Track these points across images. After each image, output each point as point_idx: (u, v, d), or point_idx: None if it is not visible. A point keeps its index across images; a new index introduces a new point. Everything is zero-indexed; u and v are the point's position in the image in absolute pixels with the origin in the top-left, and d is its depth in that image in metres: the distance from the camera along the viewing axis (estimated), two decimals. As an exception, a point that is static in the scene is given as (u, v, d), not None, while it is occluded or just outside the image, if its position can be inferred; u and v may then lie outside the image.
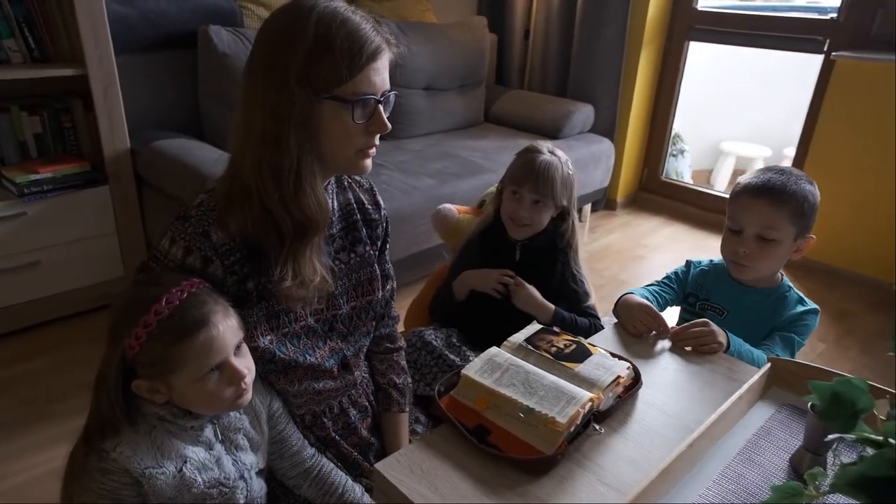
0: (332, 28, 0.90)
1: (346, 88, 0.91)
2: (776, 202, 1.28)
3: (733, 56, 3.86)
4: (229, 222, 0.94)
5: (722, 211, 3.52)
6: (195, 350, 0.85)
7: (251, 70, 0.94)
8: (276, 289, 0.98)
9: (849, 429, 0.61)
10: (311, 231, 0.97)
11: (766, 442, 0.93)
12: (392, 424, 1.24)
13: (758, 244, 1.30)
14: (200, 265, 0.93)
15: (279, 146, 0.91)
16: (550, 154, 1.50)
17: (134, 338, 0.84)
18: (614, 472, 0.87)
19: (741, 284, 1.39)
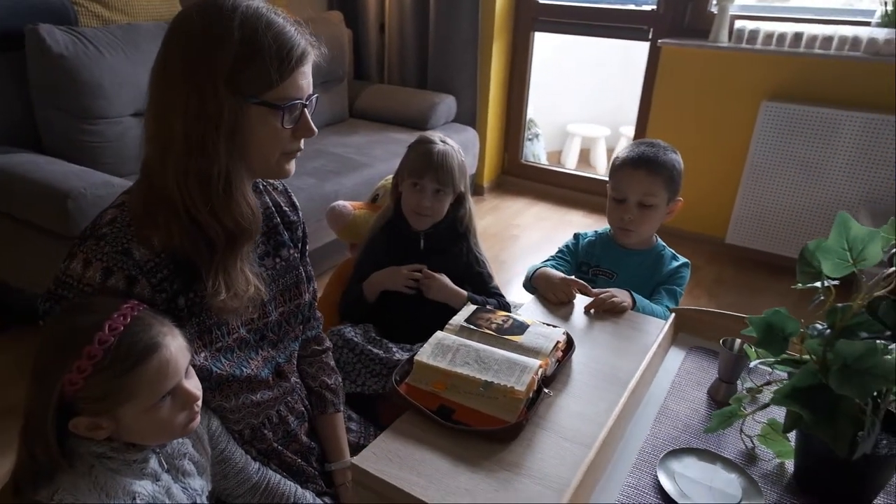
0: (259, 31, 0.87)
1: (275, 93, 0.89)
2: (652, 172, 1.47)
3: (575, 44, 4.19)
4: (151, 237, 0.88)
5: (576, 187, 3.82)
6: (149, 377, 0.79)
7: (166, 74, 0.88)
8: (210, 303, 0.93)
9: (781, 350, 0.74)
10: (242, 239, 0.94)
11: (685, 380, 1.07)
12: (329, 426, 1.24)
13: (639, 210, 1.49)
14: (125, 286, 0.86)
15: (206, 154, 0.87)
16: (443, 143, 1.55)
17: (76, 372, 0.76)
18: (571, 428, 0.95)
19: (625, 249, 1.57)
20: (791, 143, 2.65)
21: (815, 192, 2.67)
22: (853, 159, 2.55)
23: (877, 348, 0.63)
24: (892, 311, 0.66)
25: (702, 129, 2.93)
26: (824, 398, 0.70)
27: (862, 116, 2.49)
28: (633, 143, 1.57)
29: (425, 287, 1.53)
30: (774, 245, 2.81)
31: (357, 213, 1.92)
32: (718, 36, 2.82)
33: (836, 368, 0.65)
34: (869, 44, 2.54)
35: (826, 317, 0.71)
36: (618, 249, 1.59)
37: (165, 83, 0.88)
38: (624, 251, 1.58)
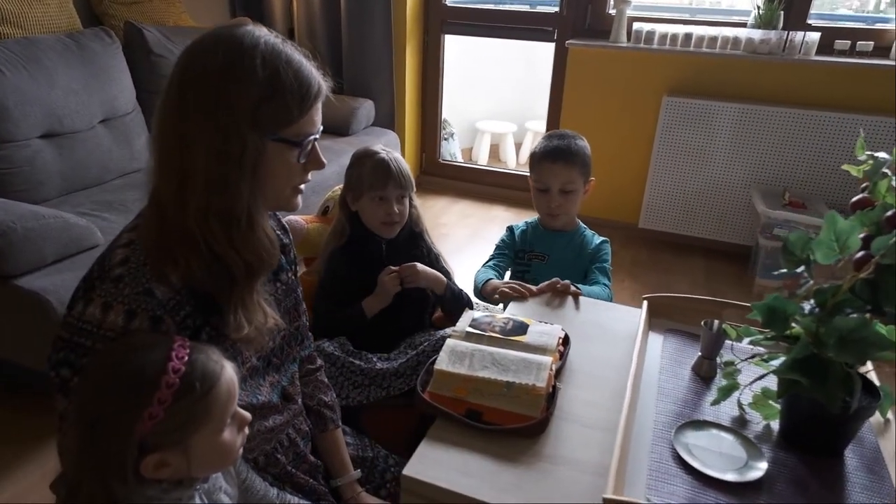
0: (281, 68, 0.87)
1: (294, 129, 0.90)
2: (569, 163, 1.68)
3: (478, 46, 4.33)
4: (169, 275, 0.87)
5: (494, 183, 3.94)
6: (222, 398, 0.82)
7: (183, 108, 0.86)
8: (233, 337, 0.94)
9: (784, 329, 0.87)
10: (262, 270, 0.95)
11: (670, 360, 1.20)
12: (331, 442, 1.26)
13: (562, 196, 1.69)
14: (149, 327, 0.85)
15: (228, 192, 0.86)
16: (385, 151, 1.59)
17: (157, 404, 0.76)
18: (588, 415, 1.04)
19: (553, 232, 1.77)
20: (691, 134, 2.93)
21: (713, 177, 2.97)
22: (744, 146, 2.87)
23: (868, 321, 0.78)
24: (867, 289, 0.80)
25: (611, 123, 3.15)
26: (818, 366, 0.84)
27: (749, 108, 2.80)
28: (546, 137, 1.76)
29: (411, 278, 1.56)
30: (681, 226, 3.10)
31: (310, 227, 1.92)
32: (618, 37, 3.05)
33: (833, 341, 0.79)
34: (747, 43, 2.85)
35: (814, 296, 0.85)
36: (546, 233, 1.78)
37: (181, 117, 0.86)
38: (552, 234, 1.78)
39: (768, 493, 0.89)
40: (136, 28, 2.61)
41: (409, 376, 1.54)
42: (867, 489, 0.90)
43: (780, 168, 2.84)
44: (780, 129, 2.78)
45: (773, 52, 2.80)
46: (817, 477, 0.92)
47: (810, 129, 2.74)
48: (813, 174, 2.81)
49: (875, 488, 0.90)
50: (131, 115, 2.56)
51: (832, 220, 0.80)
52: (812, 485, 0.90)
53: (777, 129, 2.79)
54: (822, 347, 0.83)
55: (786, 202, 2.67)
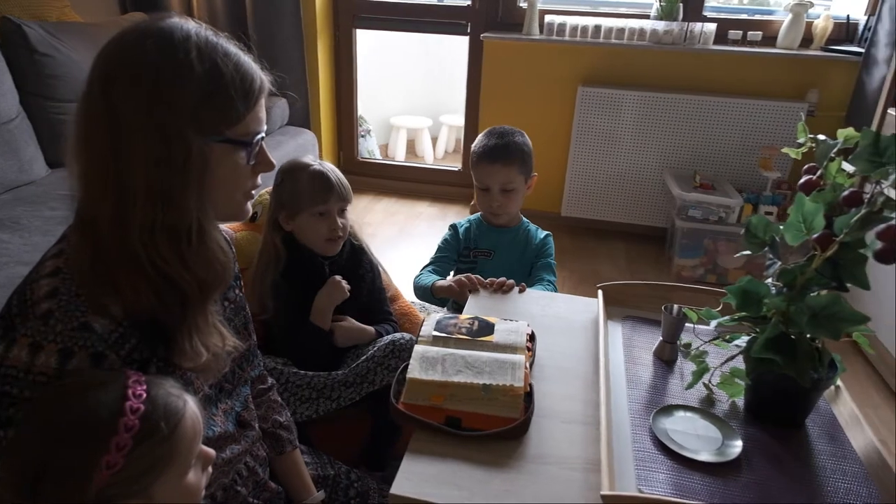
0: (219, 61, 0.79)
1: (240, 128, 0.82)
2: (508, 162, 1.67)
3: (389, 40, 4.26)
4: (108, 305, 0.77)
5: (416, 179, 3.91)
6: (188, 436, 0.74)
7: (113, 116, 0.75)
8: (187, 366, 0.85)
9: (759, 310, 0.89)
10: (216, 286, 0.86)
11: (632, 347, 1.22)
12: (291, 464, 1.19)
13: (503, 195, 1.69)
14: (90, 366, 0.75)
15: (174, 205, 0.78)
16: (316, 162, 1.49)
17: (115, 451, 0.67)
18: (565, 410, 1.04)
19: (497, 228, 1.76)
20: (606, 122, 3.02)
21: (629, 163, 3.08)
22: (656, 132, 2.99)
23: (839, 298, 0.81)
24: (829, 267, 0.84)
25: (529, 114, 3.20)
26: (788, 344, 0.87)
27: (658, 96, 2.93)
28: (485, 135, 1.74)
29: (336, 334, 1.51)
30: (601, 212, 3.20)
31: (238, 236, 1.80)
32: (531, 29, 3.09)
33: (807, 318, 0.82)
34: (652, 34, 2.98)
35: (781, 277, 0.88)
36: (491, 230, 1.78)
37: (111, 124, 0.75)
38: (497, 230, 1.77)
39: (747, 469, 0.92)
40: (15, 24, 2.35)
41: (359, 385, 1.48)
42: (832, 455, 0.95)
43: (690, 152, 2.99)
44: (687, 115, 2.93)
45: (676, 42, 2.94)
46: (787, 449, 0.96)
47: (714, 114, 2.91)
48: (718, 157, 2.98)
49: (838, 453, 0.96)
50: (16, 122, 2.30)
51: (800, 202, 0.84)
52: (784, 457, 0.94)
53: (684, 115, 2.93)
54: (792, 325, 0.87)
55: (697, 184, 2.82)
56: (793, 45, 2.89)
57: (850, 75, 2.80)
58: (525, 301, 1.40)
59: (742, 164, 2.96)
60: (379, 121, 4.46)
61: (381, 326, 1.62)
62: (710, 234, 2.76)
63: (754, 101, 2.86)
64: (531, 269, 1.72)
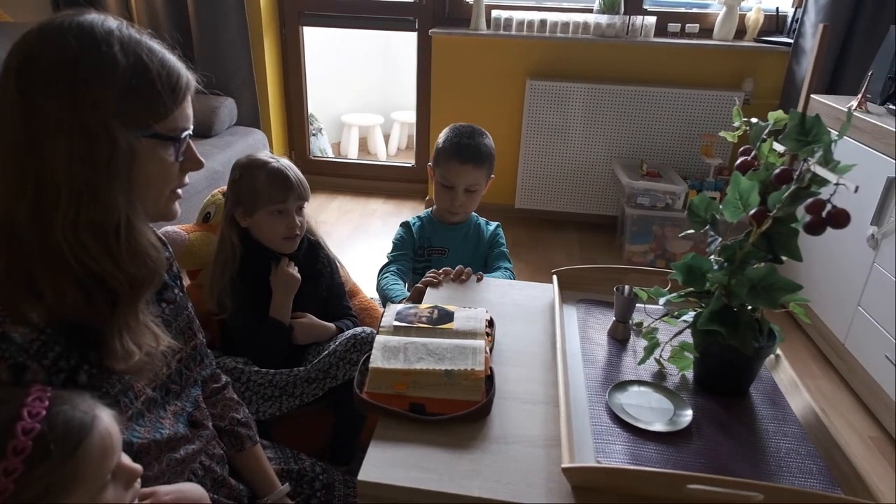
0: (144, 56, 0.79)
1: (166, 124, 0.82)
2: (478, 165, 1.68)
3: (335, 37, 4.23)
4: (27, 312, 0.76)
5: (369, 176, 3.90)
6: (94, 455, 0.70)
7: (29, 111, 0.74)
8: (120, 368, 0.84)
9: (702, 285, 0.94)
10: (148, 283, 0.85)
11: (587, 328, 1.26)
12: (252, 460, 1.18)
13: (466, 195, 1.70)
14: (10, 377, 0.74)
15: (99, 202, 0.77)
16: (274, 158, 1.49)
17: (2, 476, 0.64)
18: (525, 391, 1.07)
19: (449, 225, 1.77)
20: (554, 115, 3.09)
21: (578, 154, 3.16)
22: (603, 123, 3.08)
23: (774, 269, 0.87)
24: (764, 242, 0.90)
25: (481, 108, 3.24)
26: (731, 316, 0.93)
27: (603, 87, 3.01)
28: (454, 132, 1.73)
29: (296, 332, 1.51)
30: (554, 203, 3.27)
31: (192, 237, 1.78)
32: (478, 24, 3.13)
33: (746, 290, 0.87)
34: (596, 27, 3.06)
35: (722, 252, 0.93)
36: (443, 227, 1.78)
37: (26, 121, 0.74)
38: (448, 227, 1.78)
39: (698, 437, 0.97)
40: (-58, 26, 2.25)
41: (321, 380, 1.48)
42: (774, 419, 1.01)
43: (636, 141, 3.09)
44: (632, 106, 3.02)
45: (619, 35, 3.03)
46: (733, 416, 1.02)
47: (657, 104, 3.00)
48: (662, 145, 3.08)
49: (780, 417, 1.02)
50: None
51: (736, 181, 0.89)
52: (730, 423, 1.00)
53: (629, 106, 3.02)
54: (734, 298, 0.92)
55: (644, 173, 2.91)
56: (728, 36, 3.01)
57: (782, 64, 2.94)
58: (483, 289, 1.43)
59: (685, 151, 3.07)
60: (330, 119, 4.43)
61: (341, 322, 1.63)
62: (659, 220, 2.85)
63: (694, 90, 2.97)
64: (485, 261, 1.74)
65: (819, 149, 0.84)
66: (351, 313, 1.71)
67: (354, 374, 1.45)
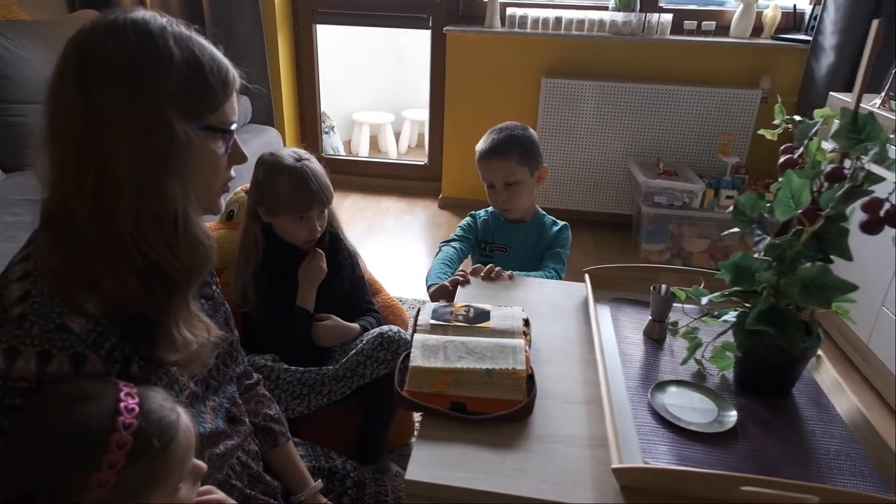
0: (196, 50, 0.80)
1: (218, 117, 0.83)
2: (504, 156, 1.67)
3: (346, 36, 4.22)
4: (83, 303, 0.76)
5: (382, 174, 3.90)
6: (181, 451, 0.73)
7: (91, 105, 0.74)
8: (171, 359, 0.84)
9: (752, 285, 0.93)
10: (201, 270, 0.85)
11: (623, 327, 1.25)
12: (285, 457, 1.19)
13: (507, 190, 1.68)
14: (71, 368, 0.74)
15: (159, 193, 0.77)
16: (300, 160, 1.46)
17: (106, 469, 0.66)
18: (565, 390, 1.06)
19: (513, 223, 1.76)
20: (570, 113, 3.07)
21: (593, 152, 3.14)
22: (619, 121, 3.06)
23: (828, 269, 0.86)
24: (813, 241, 0.89)
25: (495, 106, 3.22)
26: (779, 316, 0.91)
27: (619, 85, 3.00)
28: (488, 133, 1.74)
29: (314, 338, 1.50)
30: (568, 202, 3.26)
31: (216, 234, 1.77)
32: (493, 22, 3.12)
33: (797, 290, 0.86)
34: (611, 25, 3.04)
35: (769, 251, 0.92)
36: (507, 225, 1.78)
37: (87, 115, 0.74)
38: (512, 225, 1.77)
39: (743, 437, 0.96)
40: (-39, 23, 2.24)
41: (349, 379, 1.48)
42: (820, 420, 1.00)
43: (652, 140, 3.07)
44: (648, 104, 3.01)
45: (635, 33, 3.02)
46: (777, 416, 1.01)
47: (673, 102, 2.99)
48: (678, 144, 3.07)
49: (825, 418, 1.01)
50: (-33, 126, 2.20)
51: (789, 179, 0.88)
52: (775, 424, 0.99)
53: (645, 104, 3.01)
54: (782, 297, 0.91)
55: (660, 171, 2.90)
56: (744, 34, 3.00)
57: (800, 62, 2.92)
58: (514, 288, 1.42)
59: (701, 150, 3.05)
60: (341, 117, 4.42)
61: (363, 320, 1.62)
62: (675, 219, 2.84)
63: (711, 88, 2.95)
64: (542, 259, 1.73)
65: (874, 146, 0.83)
66: (373, 309, 1.70)
67: (382, 373, 1.48)
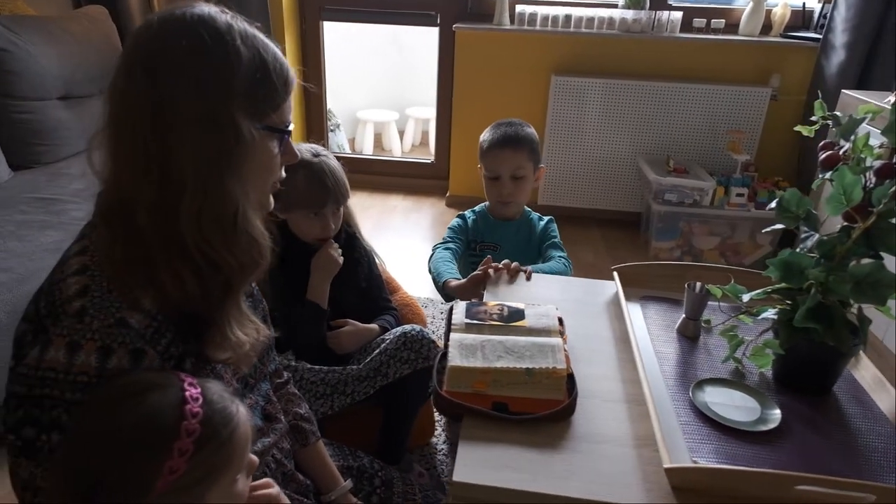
0: (260, 48, 0.80)
1: (278, 116, 0.82)
2: (517, 148, 1.67)
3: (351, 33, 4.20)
4: (140, 299, 0.75)
5: (384, 172, 3.86)
6: (244, 439, 0.74)
7: (160, 100, 0.73)
8: (227, 358, 0.84)
9: (802, 281, 0.92)
10: (255, 268, 0.84)
11: (656, 325, 1.24)
12: (316, 456, 1.18)
13: (513, 183, 1.68)
14: (129, 363, 0.73)
15: (221, 193, 0.76)
16: (318, 156, 1.44)
17: (177, 455, 0.66)
18: (605, 389, 1.05)
19: (502, 221, 1.76)
20: (579, 111, 3.06)
21: (602, 150, 3.13)
22: (629, 119, 3.05)
23: (882, 265, 0.85)
24: (863, 237, 0.88)
25: (504, 104, 3.20)
26: (826, 313, 0.91)
27: (629, 83, 2.99)
28: (493, 126, 1.75)
29: (336, 345, 1.48)
30: (577, 200, 3.25)
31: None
32: (502, 19, 3.10)
33: (850, 287, 0.85)
34: (621, 23, 3.03)
35: (818, 248, 0.91)
36: (496, 223, 1.77)
37: (156, 110, 0.73)
38: (501, 223, 1.77)
39: (789, 436, 0.95)
40: (-31, 19, 2.21)
41: (372, 378, 1.47)
42: (863, 417, 1.00)
43: (661, 137, 3.06)
44: (658, 102, 3.00)
45: (645, 31, 3.01)
46: (821, 414, 1.00)
47: (683, 100, 2.98)
48: (688, 141, 3.06)
49: (868, 415, 1.00)
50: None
51: (842, 175, 0.87)
52: (820, 422, 0.98)
53: (655, 102, 3.00)
54: (830, 294, 0.90)
55: (671, 169, 2.89)
56: (754, 31, 2.99)
57: (809, 60, 2.92)
58: (542, 286, 1.41)
59: (711, 147, 3.05)
60: (345, 115, 4.40)
61: (382, 319, 1.61)
62: (685, 216, 2.84)
63: (721, 86, 2.95)
64: (538, 255, 1.72)
65: (926, 142, 0.82)
66: (392, 307, 1.69)
67: (405, 372, 1.47)
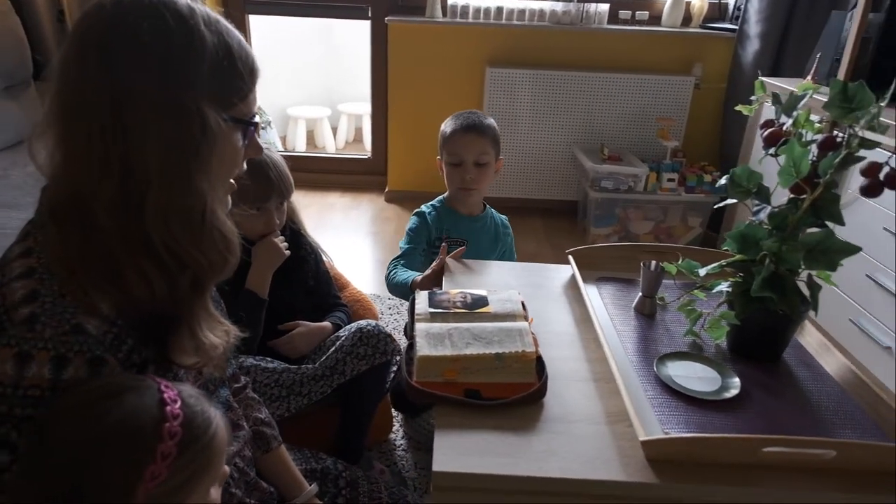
0: (225, 34, 0.75)
1: (244, 106, 0.78)
2: (481, 134, 1.67)
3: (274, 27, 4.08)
4: (97, 303, 0.70)
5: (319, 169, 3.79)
6: (222, 444, 0.71)
7: (118, 88, 0.67)
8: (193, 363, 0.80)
9: (757, 253, 0.96)
10: (225, 268, 0.80)
11: (612, 305, 1.26)
12: (279, 461, 1.14)
13: (476, 169, 1.67)
14: (87, 373, 0.68)
15: (188, 187, 0.71)
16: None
17: (160, 460, 0.62)
18: (574, 369, 1.06)
19: (468, 216, 1.74)
20: (515, 102, 3.10)
21: (538, 140, 3.19)
22: (562, 109, 3.12)
23: (831, 233, 0.89)
24: (811, 208, 0.92)
25: (440, 97, 3.20)
26: (780, 283, 0.95)
27: (561, 74, 3.05)
28: (454, 116, 1.74)
29: (290, 350, 1.44)
30: (518, 190, 3.29)
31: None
32: (434, 12, 3.10)
33: (803, 254, 0.89)
34: (551, 14, 3.09)
35: (770, 220, 0.95)
36: (462, 218, 1.74)
37: (114, 99, 0.67)
38: (467, 219, 1.75)
39: (750, 402, 0.99)
40: None
41: (329, 377, 1.43)
42: (812, 380, 1.05)
43: (595, 127, 3.15)
44: (590, 92, 3.08)
45: (574, 22, 3.08)
46: (775, 380, 1.05)
47: (613, 89, 3.07)
48: (620, 130, 3.16)
49: (816, 378, 1.06)
50: None
51: (791, 148, 0.91)
52: (776, 387, 1.03)
53: (587, 92, 3.08)
54: (783, 264, 0.94)
55: (605, 157, 2.97)
56: (675, 23, 3.12)
57: (728, 50, 3.07)
58: (500, 273, 1.41)
59: (642, 135, 3.16)
60: (275, 112, 4.27)
61: (334, 317, 1.57)
62: (621, 202, 2.92)
63: (648, 76, 3.05)
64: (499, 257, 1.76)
65: (863, 115, 0.87)
66: (342, 304, 1.66)
67: (362, 369, 1.44)
